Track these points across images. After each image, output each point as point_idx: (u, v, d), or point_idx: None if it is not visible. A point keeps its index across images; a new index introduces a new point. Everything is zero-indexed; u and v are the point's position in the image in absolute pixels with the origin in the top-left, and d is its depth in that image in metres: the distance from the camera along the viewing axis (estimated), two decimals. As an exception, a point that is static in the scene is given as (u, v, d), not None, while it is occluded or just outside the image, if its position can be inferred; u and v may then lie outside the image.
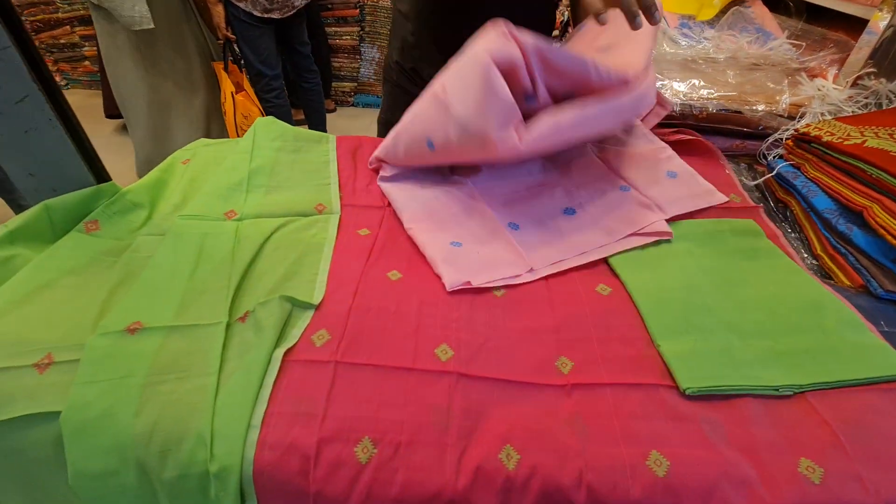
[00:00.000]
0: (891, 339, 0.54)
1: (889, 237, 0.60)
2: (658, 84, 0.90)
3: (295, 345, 0.50)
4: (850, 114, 0.82)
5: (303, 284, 0.57)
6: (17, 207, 1.96)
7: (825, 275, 0.68)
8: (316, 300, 0.55)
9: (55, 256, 0.60)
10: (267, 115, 2.06)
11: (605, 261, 0.66)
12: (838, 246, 0.68)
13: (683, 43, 0.95)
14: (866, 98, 0.83)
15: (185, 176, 0.82)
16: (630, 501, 0.41)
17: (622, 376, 0.50)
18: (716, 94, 0.86)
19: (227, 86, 1.80)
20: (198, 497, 0.44)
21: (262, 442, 0.43)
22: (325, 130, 2.61)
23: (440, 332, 0.54)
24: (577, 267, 0.65)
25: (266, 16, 1.91)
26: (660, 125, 0.91)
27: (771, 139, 0.86)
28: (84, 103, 3.29)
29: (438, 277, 0.61)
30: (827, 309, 0.56)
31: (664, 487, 0.42)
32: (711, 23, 1.07)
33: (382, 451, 0.43)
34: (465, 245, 0.66)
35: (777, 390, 0.48)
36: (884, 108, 0.82)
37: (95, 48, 3.30)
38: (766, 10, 1.04)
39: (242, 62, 2.00)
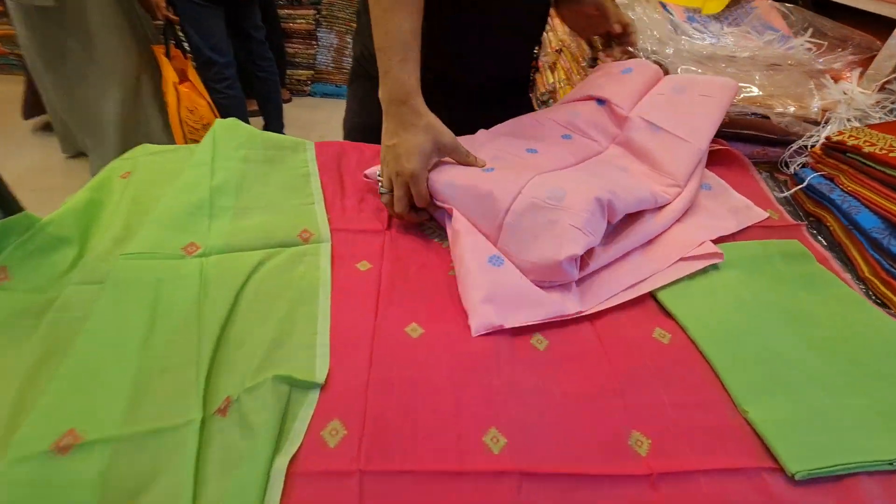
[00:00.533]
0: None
1: (961, 265, 0.55)
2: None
3: (300, 447, 0.37)
4: (878, 120, 0.77)
5: (299, 352, 0.44)
6: None
7: (878, 300, 0.63)
8: (320, 377, 0.42)
9: None
10: (217, 107, 1.83)
11: (653, 297, 0.57)
12: (892, 270, 0.62)
13: (697, 38, 0.87)
14: (893, 104, 0.78)
15: (126, 195, 0.65)
16: None
17: (714, 458, 0.41)
18: (740, 97, 0.79)
19: (169, 74, 1.55)
20: None
21: None
22: (281, 123, 2.39)
23: (484, 408, 0.43)
24: (624, 305, 0.55)
25: None
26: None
27: (795, 146, 0.80)
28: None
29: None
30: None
31: None
32: (717, 17, 1.00)
33: None
34: (506, 263, 0.54)
35: (891, 464, 0.41)
36: (905, 113, 0.78)
37: (5, 27, 2.87)
38: (770, 4, 0.98)
39: (187, 48, 1.75)
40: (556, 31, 1.68)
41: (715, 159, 0.78)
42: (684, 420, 0.44)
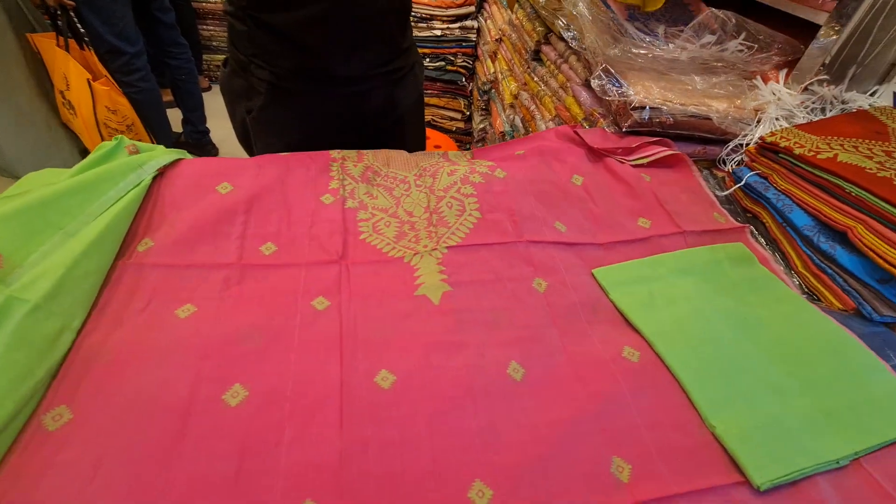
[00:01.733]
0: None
1: (879, 259, 0.60)
2: (623, 89, 0.82)
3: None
4: (803, 119, 0.83)
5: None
6: None
7: (810, 293, 0.68)
8: None
9: None
10: (131, 102, 1.64)
11: (613, 304, 0.58)
12: (822, 265, 0.67)
13: (639, 39, 0.88)
14: (814, 103, 0.84)
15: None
16: None
17: (689, 479, 0.42)
18: (683, 100, 0.81)
19: (73, 70, 1.34)
20: None
21: None
22: (202, 114, 2.19)
23: (465, 459, 0.41)
24: (591, 321, 0.56)
25: None
26: (629, 133, 0.85)
27: (732, 145, 0.84)
28: None
29: (434, 369, 0.48)
30: (849, 352, 0.54)
31: None
32: (658, 16, 1.01)
33: None
34: None
35: (838, 463, 0.44)
36: (827, 113, 0.84)
37: None
38: (706, 9, 1.01)
39: (86, 37, 1.52)
40: (496, 20, 1.65)
41: (661, 162, 0.80)
42: (660, 442, 0.45)
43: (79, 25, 1.47)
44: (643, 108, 0.81)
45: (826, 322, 0.58)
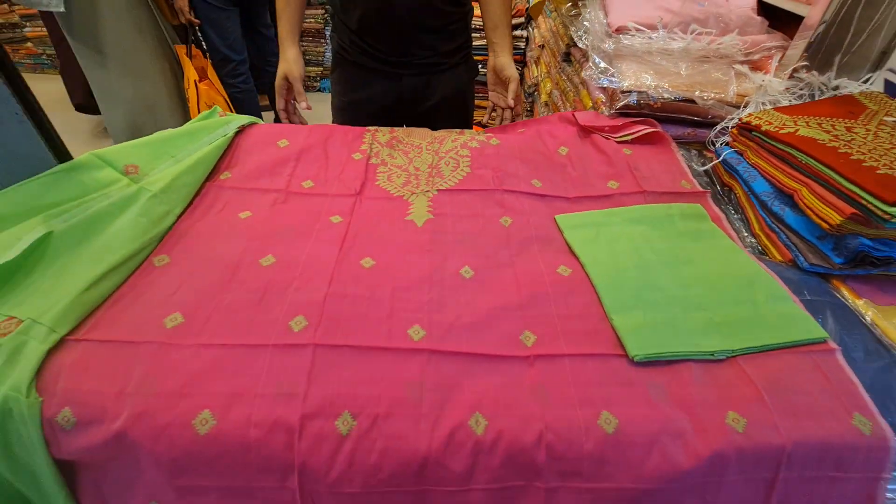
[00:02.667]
0: (812, 306, 0.61)
1: (814, 217, 0.67)
2: (616, 76, 0.94)
3: (274, 331, 0.53)
4: (788, 104, 0.89)
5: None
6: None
7: (762, 251, 0.76)
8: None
9: None
10: (232, 101, 2.01)
11: (566, 242, 0.71)
12: (773, 225, 0.75)
13: (635, 33, 1.00)
14: (801, 90, 0.90)
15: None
16: (583, 456, 0.47)
17: (579, 348, 0.55)
18: (669, 85, 0.92)
19: (190, 73, 1.73)
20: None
21: (247, 420, 0.46)
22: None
23: (413, 314, 0.58)
24: (540, 249, 0.69)
25: None
26: (620, 114, 0.96)
27: (718, 127, 0.92)
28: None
29: (409, 264, 0.65)
30: (759, 284, 0.63)
31: (613, 442, 0.47)
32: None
33: (361, 423, 0.47)
34: None
35: (713, 355, 0.54)
36: (816, 98, 0.90)
37: (38, 29, 3.11)
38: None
39: (206, 47, 1.94)
40: (541, 29, 1.81)
41: (643, 139, 0.91)
42: (566, 326, 0.58)
43: (201, 39, 1.89)
44: (631, 92, 0.93)
45: (750, 263, 0.66)
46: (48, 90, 2.92)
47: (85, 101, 2.33)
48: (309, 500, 0.48)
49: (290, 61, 0.99)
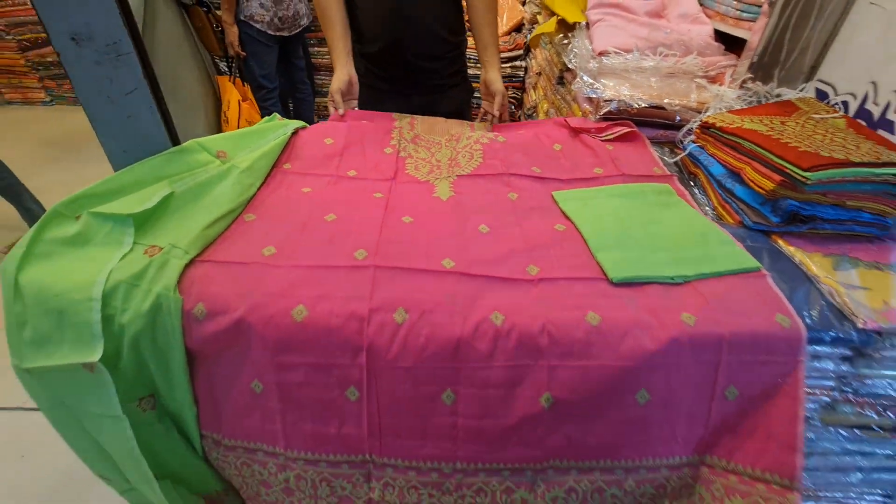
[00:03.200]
0: (752, 250, 0.79)
1: (755, 187, 0.86)
2: (599, 89, 1.16)
3: (343, 258, 0.72)
4: (740, 108, 1.10)
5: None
6: (25, 211, 2.07)
7: (719, 219, 0.94)
8: None
9: None
10: (263, 123, 2.26)
11: (560, 210, 0.90)
12: (726, 198, 0.94)
13: (617, 57, 1.22)
14: (750, 97, 1.11)
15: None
16: (574, 341, 0.64)
17: (572, 273, 0.73)
18: (643, 95, 1.13)
19: (234, 96, 1.99)
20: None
21: (330, 312, 0.64)
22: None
23: (445, 252, 0.76)
24: (540, 215, 0.88)
25: (277, 34, 2.14)
26: (604, 119, 1.17)
27: (686, 128, 1.13)
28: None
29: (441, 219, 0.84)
30: (711, 234, 0.81)
31: (596, 331, 0.64)
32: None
33: (412, 316, 0.64)
34: None
35: (672, 279, 0.72)
36: (762, 103, 1.10)
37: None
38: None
39: (245, 76, 2.22)
40: (537, 58, 2.06)
41: (623, 138, 1.11)
42: (562, 261, 0.76)
43: (243, 68, 2.17)
44: (612, 101, 1.14)
45: (706, 222, 0.85)
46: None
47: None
48: (372, 376, 0.64)
49: (336, 79, 1.21)
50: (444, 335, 0.64)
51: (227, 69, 2.21)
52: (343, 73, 1.20)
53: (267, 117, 1.12)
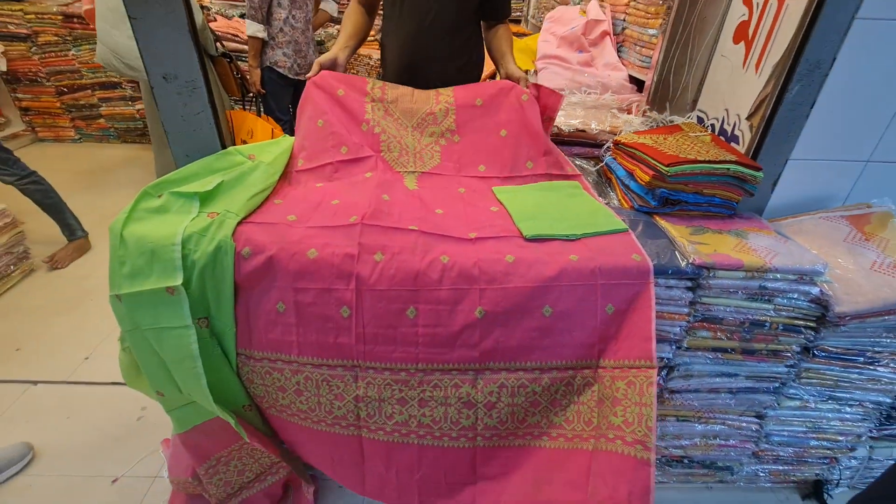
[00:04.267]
0: (635, 223, 1.12)
1: (640, 181, 1.20)
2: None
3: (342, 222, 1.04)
4: (642, 129, 1.46)
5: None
6: (66, 226, 2.38)
7: (620, 206, 1.27)
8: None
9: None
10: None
11: (496, 199, 1.22)
12: (626, 192, 1.28)
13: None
14: (650, 123, 1.47)
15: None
16: (496, 272, 0.95)
17: (498, 233, 1.05)
18: (574, 122, 1.49)
19: (261, 127, 2.37)
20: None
21: (332, 252, 0.95)
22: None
23: (411, 221, 1.08)
24: (484, 204, 1.21)
25: (295, 77, 2.57)
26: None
27: (605, 147, 1.49)
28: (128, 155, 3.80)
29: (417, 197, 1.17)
30: (599, 212, 1.15)
31: (512, 265, 0.96)
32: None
33: (387, 256, 0.96)
34: None
35: (568, 237, 1.05)
36: (658, 126, 1.47)
37: (111, 108, 3.87)
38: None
39: (262, 109, 2.64)
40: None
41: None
42: (492, 230, 1.08)
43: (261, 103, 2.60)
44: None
45: (599, 206, 1.18)
46: (112, 155, 3.61)
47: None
48: (359, 298, 0.94)
49: (325, 55, 1.38)
50: (407, 268, 0.95)
51: (240, 105, 2.65)
52: (334, 53, 1.37)
53: (281, 136, 1.47)
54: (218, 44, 2.70)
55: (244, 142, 2.50)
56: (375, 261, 0.95)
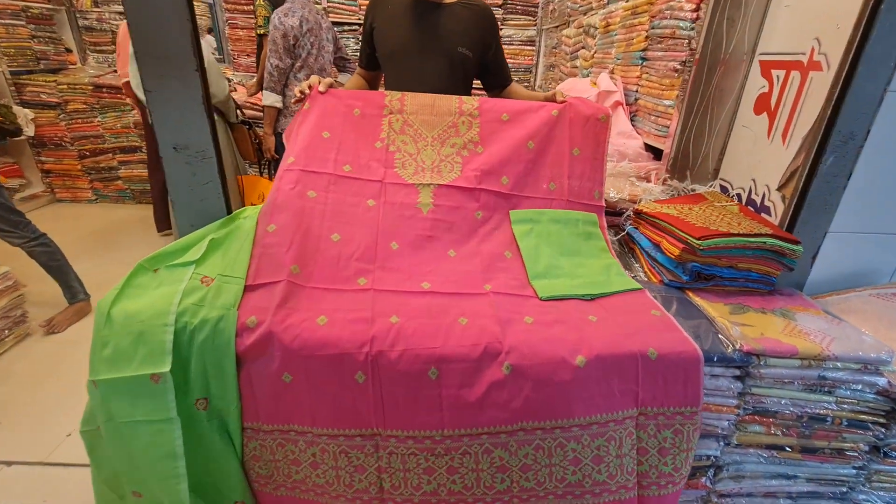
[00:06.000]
0: (666, 300, 1.03)
1: (669, 254, 1.13)
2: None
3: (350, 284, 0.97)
4: (663, 198, 1.41)
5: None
6: (67, 289, 2.32)
7: (648, 280, 1.19)
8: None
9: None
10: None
11: (513, 233, 1.16)
12: (652, 264, 1.20)
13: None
14: (671, 192, 1.42)
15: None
16: (518, 330, 0.87)
17: (514, 291, 0.99)
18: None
19: (262, 185, 2.38)
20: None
21: (344, 319, 0.87)
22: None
23: (423, 277, 1.01)
24: (496, 238, 1.15)
25: None
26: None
27: (625, 215, 1.43)
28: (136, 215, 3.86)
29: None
30: (612, 268, 1.09)
31: (531, 327, 0.89)
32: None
33: (402, 318, 0.89)
34: None
35: (584, 297, 0.98)
36: (679, 195, 1.42)
37: (129, 171, 3.97)
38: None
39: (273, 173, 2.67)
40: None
41: (590, 138, 1.29)
42: (507, 283, 1.01)
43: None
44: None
45: (610, 258, 1.14)
46: (129, 214, 3.64)
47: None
48: (374, 360, 0.84)
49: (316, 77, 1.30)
50: (426, 329, 0.86)
51: (255, 169, 2.70)
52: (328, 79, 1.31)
53: None
54: (238, 111, 2.80)
55: (253, 205, 2.52)
56: (391, 323, 0.88)
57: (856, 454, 0.94)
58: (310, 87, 1.30)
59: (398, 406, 0.85)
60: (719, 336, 0.93)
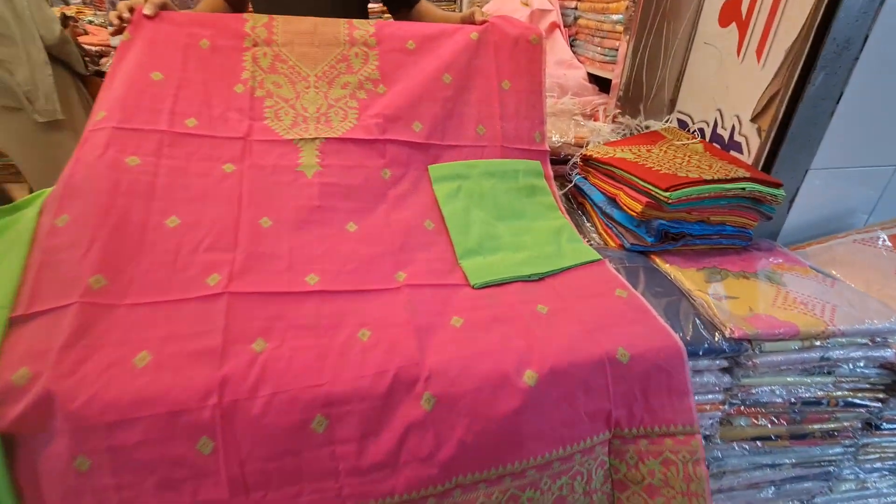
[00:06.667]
0: (630, 270, 0.81)
1: (629, 210, 0.89)
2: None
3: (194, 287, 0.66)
4: (614, 139, 1.17)
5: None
6: None
7: (604, 245, 0.96)
8: None
9: None
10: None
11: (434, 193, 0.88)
12: (608, 223, 0.96)
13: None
14: (623, 130, 1.18)
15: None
16: (443, 341, 0.63)
17: (437, 279, 0.73)
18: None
19: None
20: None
21: (178, 352, 0.56)
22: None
23: (309, 265, 0.72)
24: (412, 203, 0.86)
25: None
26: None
27: (571, 162, 1.18)
28: None
29: None
30: (563, 232, 0.87)
31: (461, 331, 0.65)
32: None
33: (272, 344, 0.60)
34: None
35: (529, 277, 0.74)
36: (633, 135, 1.18)
37: None
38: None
39: None
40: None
41: (523, 68, 1.02)
42: (429, 267, 0.75)
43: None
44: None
45: (559, 217, 0.91)
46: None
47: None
48: (226, 417, 0.54)
49: None
50: (306, 356, 0.57)
51: None
52: None
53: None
54: (87, 59, 2.20)
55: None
56: (254, 353, 0.57)
57: (848, 434, 0.80)
58: (131, 11, 0.89)
59: (269, 483, 0.56)
60: (701, 318, 0.72)
